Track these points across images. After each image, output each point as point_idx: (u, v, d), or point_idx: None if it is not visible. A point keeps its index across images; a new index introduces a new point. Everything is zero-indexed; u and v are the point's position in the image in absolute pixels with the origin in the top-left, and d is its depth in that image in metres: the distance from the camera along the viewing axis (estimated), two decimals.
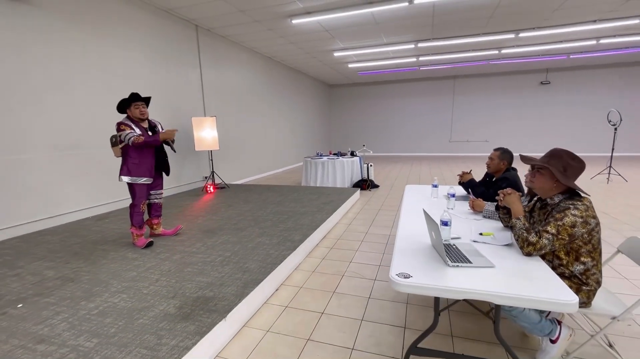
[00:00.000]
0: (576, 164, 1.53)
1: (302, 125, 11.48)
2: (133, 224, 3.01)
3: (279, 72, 9.42)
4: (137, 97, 2.86)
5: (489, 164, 2.63)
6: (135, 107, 2.85)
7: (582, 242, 1.47)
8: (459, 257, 1.47)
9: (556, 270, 1.55)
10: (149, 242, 3.05)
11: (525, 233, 1.49)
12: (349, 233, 3.88)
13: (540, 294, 1.16)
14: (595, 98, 11.42)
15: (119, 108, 2.89)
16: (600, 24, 6.47)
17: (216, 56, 6.65)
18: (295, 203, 4.75)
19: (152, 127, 3.01)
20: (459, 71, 11.86)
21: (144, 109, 2.89)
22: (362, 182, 6.60)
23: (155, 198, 3.20)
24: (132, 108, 2.85)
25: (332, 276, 2.74)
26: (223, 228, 3.60)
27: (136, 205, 2.99)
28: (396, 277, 1.31)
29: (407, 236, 1.81)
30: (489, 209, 2.11)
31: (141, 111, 2.87)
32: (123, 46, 4.63)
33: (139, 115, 2.86)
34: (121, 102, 2.85)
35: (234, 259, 2.74)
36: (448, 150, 13.42)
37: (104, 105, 4.40)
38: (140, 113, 2.87)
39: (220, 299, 2.09)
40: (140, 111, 2.87)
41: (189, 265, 2.65)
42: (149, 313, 1.95)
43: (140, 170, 2.92)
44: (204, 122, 5.61)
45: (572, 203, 1.47)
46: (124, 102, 2.86)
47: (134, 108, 2.85)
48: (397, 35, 7.12)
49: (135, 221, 3.01)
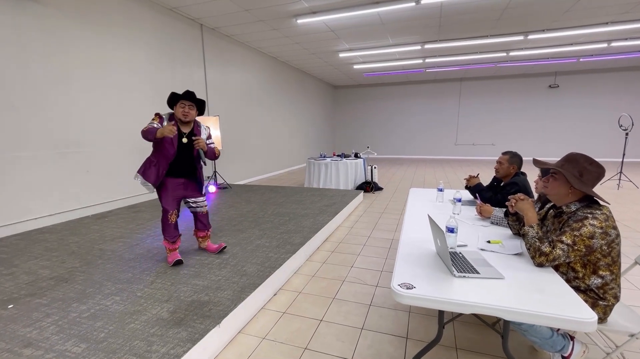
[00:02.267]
0: (594, 169, 1.43)
1: (307, 126, 11.42)
2: (165, 236, 2.62)
3: (283, 72, 9.38)
4: (186, 95, 2.47)
5: (498, 168, 2.53)
6: (181, 106, 2.48)
7: (601, 255, 1.37)
8: (465, 267, 1.38)
9: (571, 283, 1.46)
10: (177, 261, 2.60)
11: (538, 243, 1.39)
12: (351, 236, 3.79)
13: (554, 310, 1.06)
14: (605, 102, 11.21)
15: (168, 102, 2.55)
16: (612, 26, 6.32)
17: (221, 55, 6.61)
18: (297, 205, 4.67)
19: (192, 134, 2.58)
20: (465, 73, 11.72)
21: (188, 111, 2.49)
22: (365, 184, 6.51)
23: (196, 208, 2.77)
24: (177, 107, 2.50)
25: (332, 282, 2.66)
26: (223, 229, 3.54)
27: (164, 213, 2.59)
28: (398, 288, 1.23)
29: (410, 243, 1.72)
30: (497, 215, 2.01)
31: (184, 112, 2.48)
32: (126, 44, 4.60)
33: (180, 115, 2.49)
34: (170, 96, 2.51)
35: (232, 262, 2.67)
36: (454, 153, 13.27)
37: (106, 103, 4.37)
38: (182, 114, 2.48)
39: (216, 304, 2.01)
40: (183, 112, 2.48)
41: (186, 267, 2.58)
42: (141, 317, 1.88)
43: (152, 172, 2.49)
44: (207, 121, 5.56)
45: (591, 212, 1.37)
46: (172, 98, 2.51)
47: (179, 107, 2.49)
48: (404, 36, 7.03)
49: (166, 233, 2.61)
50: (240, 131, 7.42)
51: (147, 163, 2.51)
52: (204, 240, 2.90)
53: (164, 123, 2.47)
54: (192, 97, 2.50)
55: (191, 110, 2.51)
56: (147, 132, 2.36)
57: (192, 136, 2.57)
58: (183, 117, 2.49)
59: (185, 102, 2.49)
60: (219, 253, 2.87)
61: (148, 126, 2.39)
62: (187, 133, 2.56)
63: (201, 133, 2.63)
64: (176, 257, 2.63)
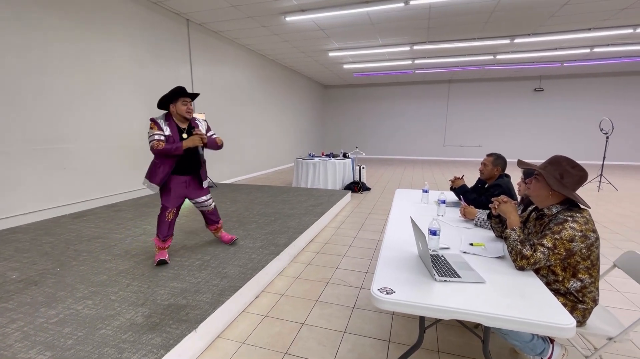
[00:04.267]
0: (576, 172, 1.43)
1: (296, 125, 11.35)
2: (157, 233, 2.59)
3: (273, 70, 9.28)
4: (185, 91, 2.44)
5: (482, 170, 2.53)
6: (183, 103, 2.43)
7: (581, 258, 1.37)
8: (447, 271, 1.35)
9: (550, 286, 1.45)
10: (161, 260, 2.55)
11: (520, 246, 1.38)
12: (337, 237, 3.76)
13: (534, 316, 1.05)
14: (587, 107, 11.51)
15: (160, 104, 2.46)
16: (595, 32, 6.48)
17: (208, 52, 6.49)
18: (283, 205, 4.61)
19: (190, 128, 2.55)
20: (454, 75, 11.85)
21: (191, 107, 2.48)
22: (353, 185, 6.49)
23: (204, 207, 2.79)
24: (179, 104, 2.43)
25: (316, 283, 2.61)
26: (205, 230, 3.45)
27: (162, 210, 2.55)
28: (378, 293, 1.19)
29: (393, 246, 1.69)
30: (480, 217, 2.00)
31: (189, 108, 2.45)
32: (107, 37, 4.45)
33: (184, 112, 2.44)
34: (166, 96, 2.42)
35: (213, 263, 2.59)
36: (442, 154, 13.41)
37: (85, 98, 4.21)
38: (187, 111, 2.45)
39: (193, 308, 1.94)
40: (188, 108, 2.45)
41: (165, 269, 2.49)
42: (113, 322, 1.80)
43: (157, 174, 2.45)
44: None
45: (571, 215, 1.37)
46: (169, 96, 2.42)
47: (181, 104, 2.43)
48: (393, 37, 7.04)
49: (159, 230, 2.57)
50: (228, 129, 7.30)
51: (153, 167, 2.47)
52: (217, 231, 2.99)
53: (164, 128, 2.41)
54: (189, 92, 2.49)
55: (191, 105, 2.51)
56: (166, 151, 2.33)
57: (191, 131, 2.55)
58: (188, 114, 2.47)
59: (187, 99, 2.46)
60: (231, 244, 2.98)
61: (156, 142, 2.34)
62: (185, 129, 2.53)
63: (199, 126, 2.61)
64: (162, 256, 2.59)
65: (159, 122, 2.41)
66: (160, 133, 2.38)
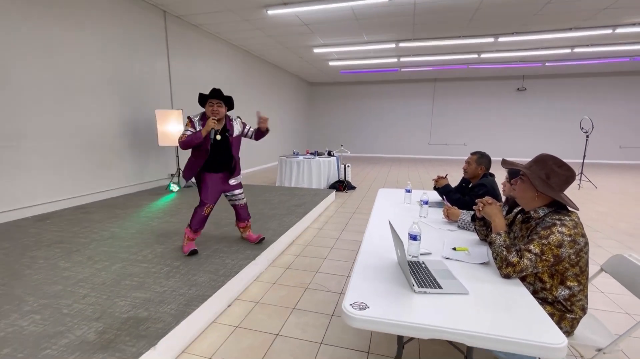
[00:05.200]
0: (563, 172, 1.33)
1: (281, 122, 11.14)
2: (190, 224, 2.71)
3: (257, 66, 9.05)
4: (213, 94, 2.53)
5: (466, 168, 2.44)
6: (209, 105, 2.55)
7: (569, 264, 1.27)
8: (427, 280, 1.23)
9: (537, 294, 1.35)
10: (193, 250, 2.68)
11: (505, 252, 1.27)
12: (319, 238, 3.63)
13: (522, 334, 0.93)
14: (568, 106, 11.75)
15: (200, 103, 2.62)
16: (576, 32, 6.55)
17: (187, 46, 6.22)
18: (264, 205, 4.44)
19: (225, 130, 2.66)
20: (439, 74, 11.89)
21: (217, 109, 2.54)
22: (338, 183, 6.37)
23: (236, 201, 2.89)
24: (207, 106, 2.56)
25: (294, 289, 2.47)
26: (179, 232, 3.25)
27: (201, 205, 2.68)
28: (350, 309, 1.06)
29: (372, 251, 1.57)
30: (464, 219, 1.90)
31: (213, 110, 2.54)
32: (76, 27, 4.16)
33: (210, 113, 2.55)
34: (200, 96, 2.58)
35: (182, 269, 2.41)
36: (427, 152, 13.47)
37: (52, 92, 3.92)
38: (211, 112, 2.54)
39: (155, 321, 1.77)
40: (212, 111, 2.54)
41: (129, 276, 2.30)
42: (61, 340, 1.61)
43: (190, 170, 2.63)
44: (169, 115, 5.19)
45: (559, 219, 1.27)
46: (201, 98, 2.58)
47: (208, 106, 2.56)
48: (378, 34, 6.94)
49: (194, 222, 2.69)
50: None
51: (187, 163, 2.66)
52: (245, 230, 3.03)
53: (196, 126, 2.55)
54: (219, 94, 2.55)
55: (220, 107, 2.56)
56: (189, 141, 2.47)
57: (225, 132, 2.67)
58: (213, 116, 2.54)
59: (213, 101, 2.54)
60: (257, 243, 2.97)
61: (185, 135, 2.48)
62: (219, 130, 2.64)
63: (234, 127, 2.72)
64: (192, 247, 2.71)
65: (194, 120, 2.56)
66: (192, 130, 2.53)
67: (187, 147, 2.49)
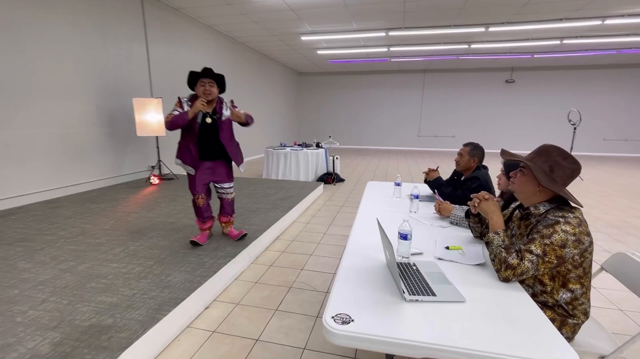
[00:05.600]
0: (568, 165, 1.21)
1: (268, 113, 10.86)
2: (197, 216, 2.72)
3: (243, 54, 8.73)
4: (205, 72, 2.38)
5: (458, 161, 2.32)
6: (201, 84, 2.39)
7: (572, 266, 1.16)
8: (419, 286, 1.10)
9: (537, 298, 1.24)
10: (193, 241, 2.64)
11: (504, 253, 1.15)
12: (306, 233, 3.49)
13: (527, 352, 0.81)
14: (555, 99, 11.83)
15: (188, 83, 2.45)
16: (566, 22, 6.49)
17: (167, 31, 5.89)
18: (248, 199, 4.26)
19: (215, 112, 2.49)
20: (429, 65, 11.77)
21: (209, 88, 2.39)
22: (327, 176, 6.22)
23: (224, 194, 2.74)
24: (198, 86, 2.40)
25: (277, 289, 2.33)
26: (155, 228, 3.06)
27: (193, 197, 2.64)
28: (331, 322, 0.92)
29: (358, 252, 1.43)
30: (457, 214, 1.78)
31: (205, 90, 2.38)
32: (43, 6, 3.82)
33: (201, 93, 2.39)
34: (190, 75, 2.41)
35: (156, 270, 2.23)
36: (416, 144, 13.43)
37: (15, 77, 3.61)
38: (203, 93, 2.38)
39: (120, 329, 1.60)
40: (205, 91, 2.38)
41: (96, 278, 2.11)
42: (9, 354, 1.43)
43: (186, 156, 2.50)
44: (148, 103, 4.91)
45: (563, 216, 1.15)
46: (190, 79, 2.42)
47: (199, 86, 2.40)
48: (368, 22, 6.73)
49: (197, 214, 2.70)
50: None
51: (180, 146, 2.51)
52: (227, 225, 2.87)
53: (185, 107, 2.39)
54: (211, 73, 2.40)
55: (212, 87, 2.41)
56: (174, 121, 2.31)
57: (215, 114, 2.48)
58: (205, 97, 2.38)
59: (204, 80, 2.39)
60: (239, 240, 2.81)
61: (172, 115, 2.33)
62: (210, 113, 2.46)
63: (222, 109, 2.52)
64: (195, 238, 2.64)
65: (183, 101, 2.41)
66: (180, 110, 2.37)
67: (173, 128, 2.33)
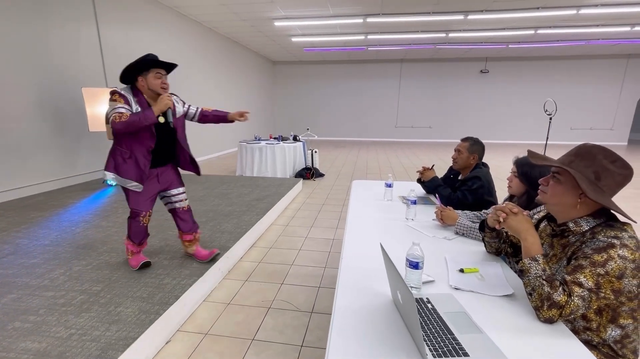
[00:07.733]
0: (618, 170, 0.96)
1: (241, 104, 10.29)
2: (130, 237, 2.11)
3: (212, 41, 8.10)
4: (158, 60, 1.88)
5: (456, 158, 2.07)
6: (157, 76, 1.89)
7: (627, 298, 0.92)
8: (444, 340, 0.82)
9: (578, 335, 1.00)
10: (145, 263, 2.12)
11: (548, 287, 0.89)
12: (285, 238, 3.16)
13: None
14: (526, 89, 12.08)
15: (124, 76, 1.89)
16: (542, 11, 6.45)
17: (121, 11, 5.23)
18: (220, 200, 3.86)
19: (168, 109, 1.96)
20: (406, 54, 11.60)
21: (166, 81, 1.94)
22: (305, 171, 5.89)
23: (176, 203, 2.19)
24: (151, 77, 1.88)
25: (253, 311, 2.00)
26: (108, 241, 2.61)
27: (133, 215, 2.05)
28: None
29: (354, 281, 1.13)
30: (463, 224, 1.52)
31: (164, 82, 1.92)
32: None
33: (159, 88, 1.90)
34: (131, 66, 1.84)
35: (104, 297, 1.84)
36: (394, 135, 13.34)
37: None
38: (162, 85, 1.91)
39: None
40: (163, 82, 1.92)
41: (23, 314, 1.69)
42: None
43: (130, 169, 1.93)
44: (100, 94, 4.31)
45: (616, 236, 0.90)
46: (135, 67, 1.85)
47: (154, 78, 1.88)
48: (345, 7, 6.36)
49: (133, 236, 2.10)
50: None
51: (118, 156, 1.93)
52: (191, 244, 2.28)
53: (132, 104, 1.86)
54: (167, 63, 1.93)
55: (166, 79, 1.95)
56: (132, 123, 1.76)
57: (167, 113, 1.94)
58: (164, 91, 1.92)
59: (161, 71, 1.91)
60: (210, 261, 2.25)
61: (117, 114, 1.76)
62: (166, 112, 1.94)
63: (175, 105, 2.05)
64: (142, 259, 2.13)
65: (127, 96, 1.85)
66: (127, 107, 1.82)
67: (127, 131, 1.79)
